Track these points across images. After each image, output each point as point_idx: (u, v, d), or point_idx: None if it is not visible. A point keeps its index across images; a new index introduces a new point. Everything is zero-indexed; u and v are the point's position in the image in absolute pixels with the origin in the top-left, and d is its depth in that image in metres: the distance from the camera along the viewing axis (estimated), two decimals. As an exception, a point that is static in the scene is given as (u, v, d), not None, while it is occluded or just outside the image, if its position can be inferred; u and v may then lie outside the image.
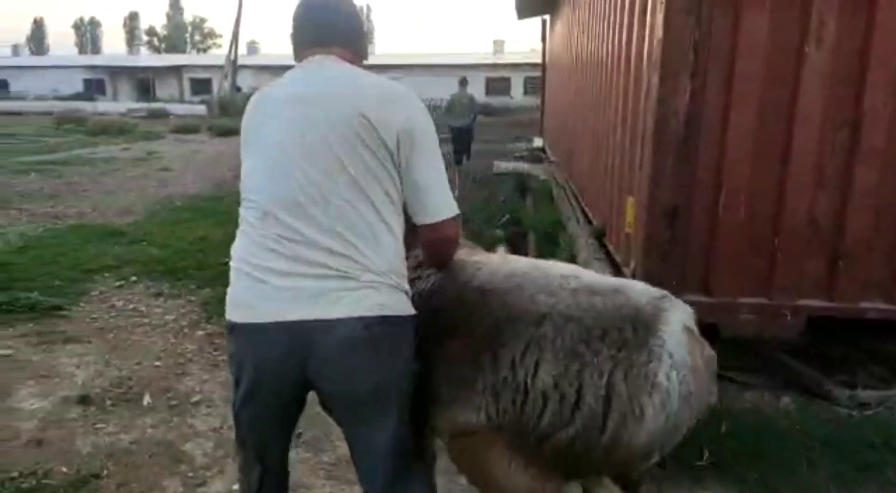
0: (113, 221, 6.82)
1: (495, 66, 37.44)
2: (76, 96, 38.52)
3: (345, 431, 1.58)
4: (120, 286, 4.70)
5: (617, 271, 3.44)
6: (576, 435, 1.33)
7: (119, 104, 34.65)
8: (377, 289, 1.43)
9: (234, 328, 1.47)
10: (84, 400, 2.88)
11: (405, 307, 1.50)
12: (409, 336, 1.52)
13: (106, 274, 4.96)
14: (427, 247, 1.64)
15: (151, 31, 73.07)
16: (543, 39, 15.83)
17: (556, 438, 1.35)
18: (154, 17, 73.48)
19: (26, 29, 73.97)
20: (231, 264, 1.50)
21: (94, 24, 76.08)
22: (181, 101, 37.47)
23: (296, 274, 1.40)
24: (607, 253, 3.78)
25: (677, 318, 1.38)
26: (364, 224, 1.43)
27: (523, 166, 11.70)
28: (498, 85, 36.63)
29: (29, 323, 3.91)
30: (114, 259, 5.30)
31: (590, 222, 4.66)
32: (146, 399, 2.89)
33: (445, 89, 33.85)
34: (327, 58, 1.57)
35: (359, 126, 1.42)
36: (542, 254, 4.80)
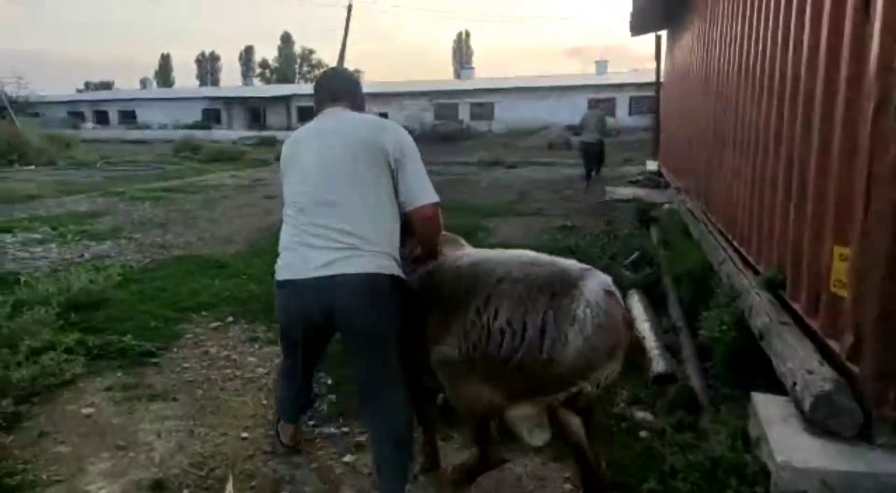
0: (215, 252, 6.64)
1: (598, 86, 36.30)
2: (195, 125, 41.11)
3: (351, 359, 2.34)
4: (216, 328, 4.36)
5: (817, 342, 2.62)
6: (523, 356, 1.84)
7: (232, 132, 36.50)
8: (376, 256, 2.11)
9: (283, 284, 2.17)
10: (158, 486, 2.43)
11: (395, 270, 2.17)
12: (397, 290, 2.18)
13: (203, 313, 4.65)
14: (415, 227, 2.27)
15: (264, 64, 77.60)
16: (658, 57, 14.86)
17: (510, 361, 1.86)
18: (267, 50, 78.43)
19: (155, 64, 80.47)
20: (279, 247, 2.23)
21: (213, 58, 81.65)
22: (288, 128, 39.01)
23: (323, 248, 2.09)
24: (794, 315, 2.95)
25: (595, 280, 1.93)
26: (367, 214, 2.12)
27: (642, 193, 10.78)
28: (601, 106, 35.40)
29: (118, 372, 3.59)
30: (212, 296, 5.01)
31: (752, 268, 3.82)
32: (228, 488, 2.39)
33: (549, 112, 33.26)
34: (336, 109, 2.36)
35: (359, 147, 2.17)
36: (692, 309, 4.00)
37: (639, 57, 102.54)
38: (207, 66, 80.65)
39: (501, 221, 8.51)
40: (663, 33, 13.79)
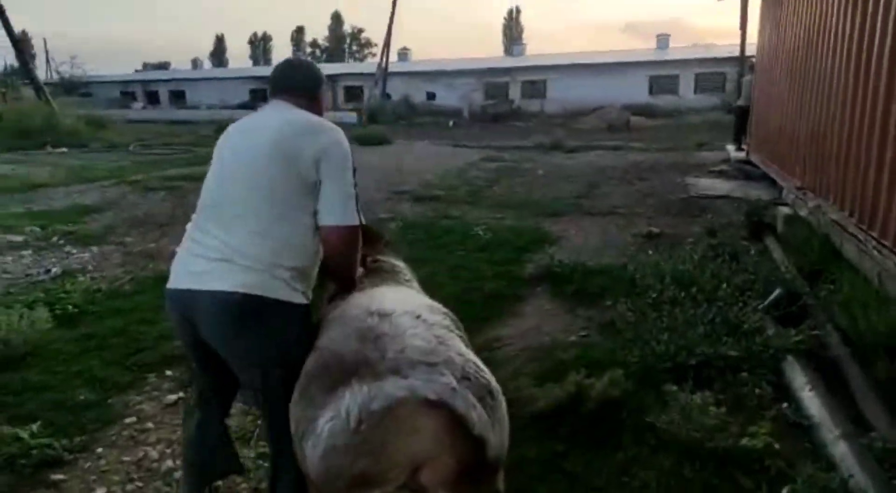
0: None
1: (660, 63, 33.73)
2: (242, 105, 40.43)
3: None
4: (173, 403, 3.01)
5: None
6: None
7: (278, 113, 35.56)
8: (256, 272, 1.77)
9: (170, 294, 1.90)
10: None
11: (285, 292, 1.81)
12: (285, 317, 1.82)
13: (167, 372, 3.31)
14: (324, 249, 1.91)
15: (314, 44, 76.81)
16: (743, 27, 12.87)
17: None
18: (319, 30, 77.42)
19: (210, 45, 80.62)
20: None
21: (266, 38, 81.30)
22: (334, 108, 37.90)
23: (199, 256, 1.83)
24: None
25: (390, 384, 1.44)
26: (264, 224, 1.81)
27: (732, 187, 9.00)
28: (663, 84, 32.93)
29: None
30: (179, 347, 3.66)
31: None
32: None
33: (606, 91, 31.07)
34: (281, 103, 2.02)
35: (278, 149, 1.85)
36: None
37: (700, 31, 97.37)
38: (260, 47, 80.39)
39: (570, 224, 6.93)
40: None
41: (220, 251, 1.79)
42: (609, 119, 24.95)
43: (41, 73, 40.26)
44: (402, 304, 1.78)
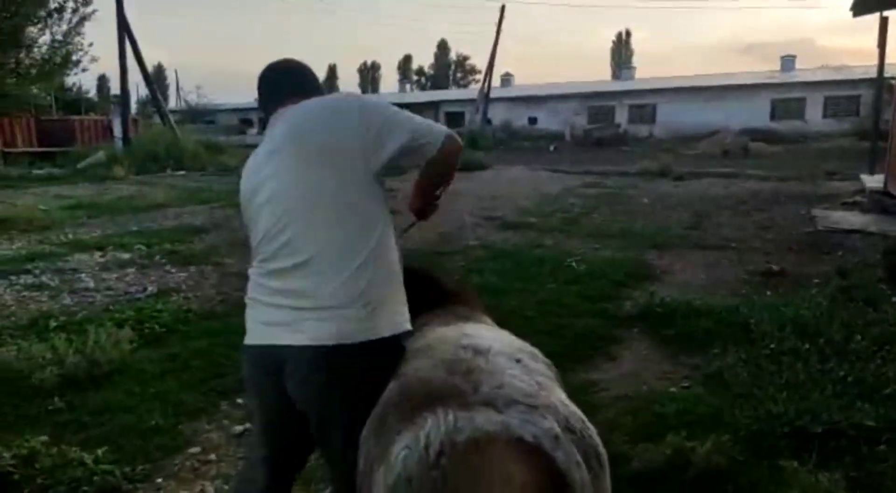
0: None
1: (783, 85, 31.64)
2: (350, 131, 42.06)
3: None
4: (239, 434, 2.91)
5: None
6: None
7: (384, 138, 36.74)
8: (342, 318, 1.55)
9: (249, 350, 1.68)
10: None
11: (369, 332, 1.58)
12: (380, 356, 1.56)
13: (238, 400, 3.24)
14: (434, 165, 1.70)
15: (420, 71, 78.94)
16: (882, 44, 11.68)
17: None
18: (425, 58, 79.69)
19: (322, 74, 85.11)
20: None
21: (374, 67, 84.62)
22: (438, 134, 38.49)
23: (270, 305, 1.66)
24: None
25: (479, 418, 1.19)
26: (343, 231, 1.60)
27: (867, 221, 8.05)
28: (787, 107, 30.83)
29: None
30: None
31: None
32: None
33: (721, 115, 29.51)
34: (281, 110, 1.75)
35: (319, 150, 1.63)
36: None
37: (830, 51, 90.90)
38: (368, 76, 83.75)
39: (676, 258, 6.40)
40: (894, 14, 10.70)
41: (300, 298, 1.55)
42: (724, 144, 23.56)
43: (171, 102, 44.06)
44: (498, 343, 1.51)
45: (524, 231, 8.00)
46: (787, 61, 36.60)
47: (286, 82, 1.79)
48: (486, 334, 1.63)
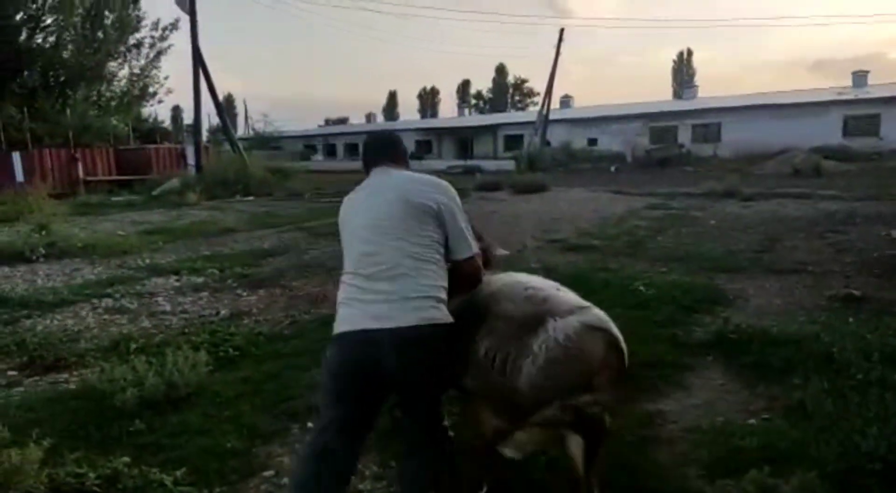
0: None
1: (856, 102, 30.31)
2: (410, 156, 42.69)
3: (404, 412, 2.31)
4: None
5: None
6: (495, 384, 2.12)
7: (442, 161, 37.17)
8: (420, 308, 2.15)
9: (336, 338, 2.17)
10: None
11: (440, 317, 2.18)
12: (444, 337, 2.19)
13: (310, 424, 3.29)
14: (457, 275, 2.33)
15: (478, 95, 79.66)
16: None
17: (492, 387, 2.15)
18: (484, 82, 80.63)
19: (383, 100, 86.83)
20: (338, 299, 2.27)
21: (433, 92, 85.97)
22: (494, 156, 38.67)
23: (372, 302, 2.15)
24: None
25: (573, 319, 2.09)
26: (412, 264, 2.18)
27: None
28: (861, 124, 29.49)
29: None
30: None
31: None
32: None
33: (790, 133, 28.47)
34: (382, 168, 2.41)
35: (407, 205, 2.24)
36: None
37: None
38: (428, 101, 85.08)
39: (748, 282, 6.17)
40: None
41: (387, 292, 2.10)
42: (794, 163, 22.70)
43: (240, 129, 45.92)
44: (541, 282, 2.44)
45: (587, 254, 7.89)
46: (859, 77, 35.10)
47: (383, 149, 2.50)
48: (529, 278, 2.53)
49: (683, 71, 67.25)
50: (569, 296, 2.29)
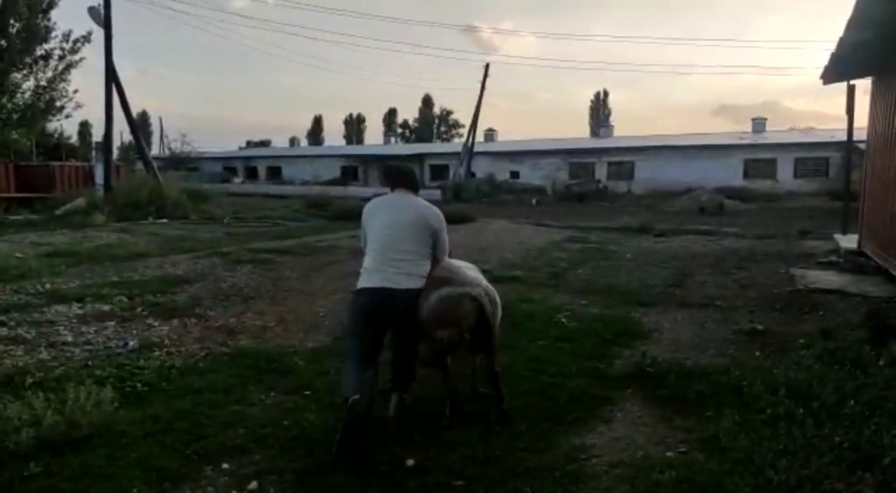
0: (288, 346, 5.24)
1: (756, 146, 32.71)
2: (332, 181, 42.29)
3: (396, 336, 3.81)
4: (223, 506, 2.78)
5: None
6: (417, 314, 3.59)
7: (368, 189, 36.90)
8: (414, 279, 3.66)
9: (361, 291, 3.70)
10: None
11: (421, 285, 3.69)
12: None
13: (224, 465, 3.11)
14: (435, 265, 3.85)
15: (405, 124, 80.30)
16: (850, 111, 12.16)
17: (417, 317, 3.60)
18: (410, 111, 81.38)
19: (308, 125, 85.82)
20: (362, 270, 3.76)
21: (360, 119, 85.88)
22: (421, 186, 38.82)
23: (385, 270, 3.64)
24: None
25: (452, 288, 3.61)
26: (412, 255, 3.69)
27: (844, 281, 8.18)
28: (759, 167, 31.80)
29: None
30: (248, 431, 3.48)
31: None
32: None
33: (697, 173, 30.28)
34: (402, 192, 3.95)
35: (413, 220, 3.77)
36: None
37: (797, 114, 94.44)
38: (354, 128, 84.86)
39: (662, 315, 6.43)
40: (860, 83, 11.21)
41: (397, 266, 3.65)
42: (701, 202, 24.10)
43: (155, 149, 44.02)
44: (465, 265, 4.00)
45: (511, 285, 7.99)
46: (758, 123, 37.97)
47: (405, 178, 4.04)
48: (457, 262, 4.02)
49: (600, 110, 70.53)
50: (472, 275, 3.83)
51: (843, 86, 11.63)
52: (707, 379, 4.25)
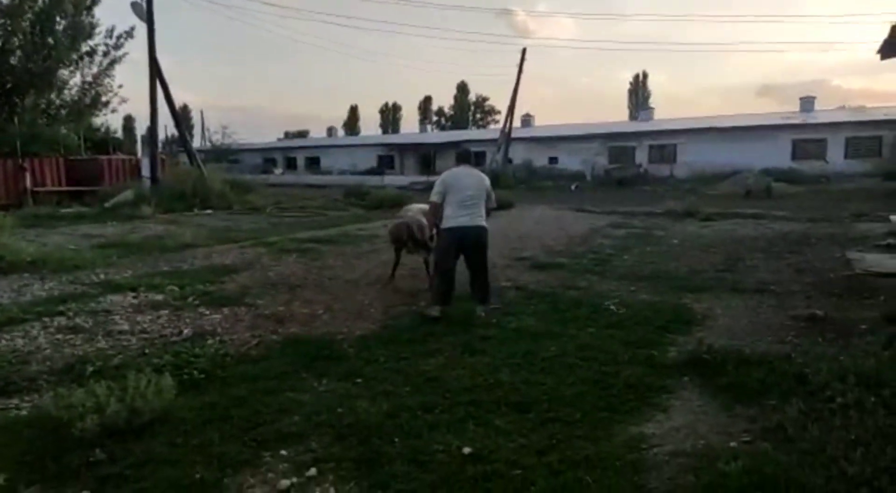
0: (338, 332, 5.27)
1: (804, 126, 31.58)
2: (370, 171, 42.53)
3: (473, 260, 5.95)
4: (281, 491, 2.80)
5: None
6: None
7: (404, 177, 37.03)
8: (483, 219, 5.97)
9: (449, 229, 5.86)
10: None
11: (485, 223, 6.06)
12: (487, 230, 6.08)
13: (282, 451, 3.14)
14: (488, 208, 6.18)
15: (440, 112, 79.97)
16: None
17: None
18: (445, 99, 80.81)
19: (344, 115, 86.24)
20: (445, 216, 5.90)
21: (395, 108, 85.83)
22: (457, 173, 38.67)
23: (465, 215, 5.82)
24: None
25: (401, 221, 7.30)
26: (479, 204, 5.93)
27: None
28: (808, 148, 30.71)
29: None
30: (303, 418, 3.50)
31: None
32: None
33: (742, 155, 29.42)
34: (466, 166, 6.19)
35: (477, 183, 5.98)
36: None
37: (845, 93, 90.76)
38: (389, 116, 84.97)
39: (714, 301, 6.26)
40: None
41: (471, 212, 5.81)
42: (747, 185, 23.41)
43: (196, 141, 44.85)
44: (417, 207, 7.58)
45: (555, 272, 7.90)
46: (806, 102, 36.63)
47: (467, 157, 6.37)
48: (416, 206, 7.63)
49: (640, 92, 69.01)
50: (410, 214, 7.19)
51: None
52: (768, 367, 4.11)
